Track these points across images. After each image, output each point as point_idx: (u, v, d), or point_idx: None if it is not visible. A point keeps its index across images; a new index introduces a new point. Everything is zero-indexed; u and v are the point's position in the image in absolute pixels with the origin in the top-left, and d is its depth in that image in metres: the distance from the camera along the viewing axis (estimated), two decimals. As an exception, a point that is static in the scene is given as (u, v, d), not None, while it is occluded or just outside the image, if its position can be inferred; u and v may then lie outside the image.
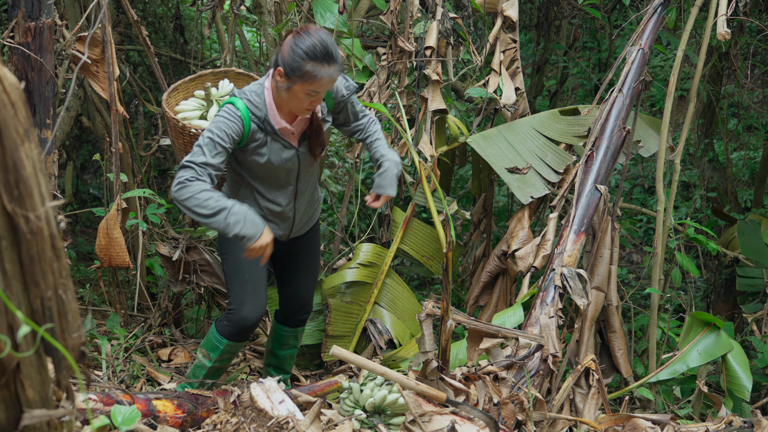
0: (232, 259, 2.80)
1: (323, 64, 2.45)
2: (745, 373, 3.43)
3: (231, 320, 2.79)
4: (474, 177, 4.48)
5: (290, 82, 2.49)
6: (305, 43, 2.45)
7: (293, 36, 2.50)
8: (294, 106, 2.57)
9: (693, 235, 4.17)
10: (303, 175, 2.78)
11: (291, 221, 2.85)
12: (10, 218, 0.98)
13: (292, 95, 2.53)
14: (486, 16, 4.45)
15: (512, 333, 2.92)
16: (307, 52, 2.44)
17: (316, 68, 2.45)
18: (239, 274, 2.78)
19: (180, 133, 2.98)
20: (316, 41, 2.45)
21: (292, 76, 2.47)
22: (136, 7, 5.99)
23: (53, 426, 1.11)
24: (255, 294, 2.77)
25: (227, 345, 2.83)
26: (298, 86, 2.49)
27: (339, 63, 2.50)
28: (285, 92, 2.53)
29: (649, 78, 3.85)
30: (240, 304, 2.77)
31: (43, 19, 2.89)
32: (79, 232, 6.69)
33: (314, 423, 2.18)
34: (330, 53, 2.45)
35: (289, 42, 2.49)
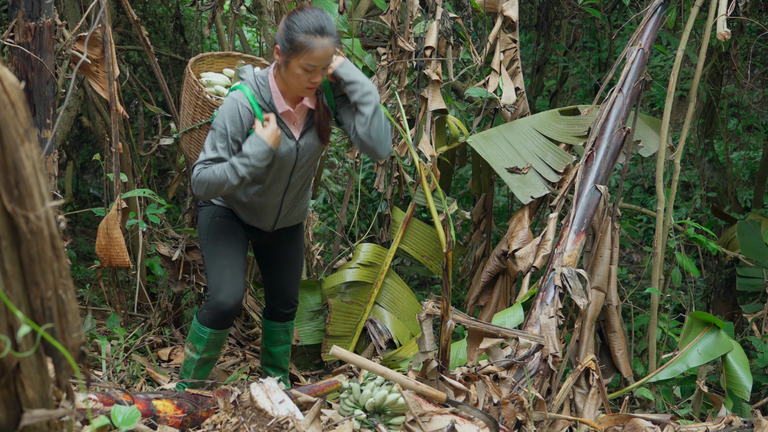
0: (210, 246, 2.84)
1: (315, 35, 2.51)
2: (745, 373, 3.43)
3: (210, 307, 2.81)
4: (474, 177, 4.48)
5: (286, 56, 2.55)
6: (299, 18, 2.53)
7: (288, 15, 2.58)
8: (294, 85, 2.61)
9: (693, 235, 4.17)
10: (297, 171, 2.79)
11: (277, 214, 2.88)
12: (10, 218, 0.98)
13: (290, 73, 2.58)
14: (486, 16, 4.45)
15: (512, 333, 2.92)
16: (300, 26, 2.51)
17: (309, 39, 2.50)
18: (217, 260, 2.82)
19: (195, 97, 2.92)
20: (309, 15, 2.52)
21: (287, 50, 2.54)
22: (136, 7, 5.99)
23: (53, 426, 1.11)
24: (233, 279, 2.79)
25: (210, 334, 2.85)
26: (294, 60, 2.54)
27: (333, 36, 2.55)
28: (284, 69, 2.59)
29: (649, 78, 3.85)
30: (217, 289, 2.78)
31: (43, 19, 2.89)
32: (79, 232, 6.69)
33: (314, 423, 2.18)
34: (323, 26, 2.52)
35: (284, 20, 2.58)
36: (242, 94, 2.63)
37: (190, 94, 2.95)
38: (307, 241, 3.95)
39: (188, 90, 2.96)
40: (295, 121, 2.71)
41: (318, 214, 5.73)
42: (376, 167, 4.18)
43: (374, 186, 4.15)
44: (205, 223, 2.90)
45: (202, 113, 2.89)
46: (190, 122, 2.95)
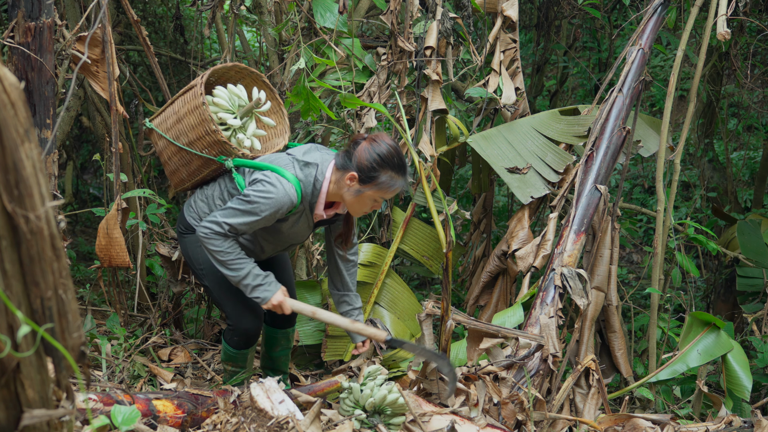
0: (212, 277, 2.84)
1: (399, 175, 2.54)
2: (745, 373, 3.43)
3: (238, 334, 2.91)
4: (474, 177, 4.48)
5: (363, 187, 2.55)
6: (383, 151, 2.52)
7: (369, 143, 2.54)
8: (355, 208, 2.64)
9: (693, 235, 4.17)
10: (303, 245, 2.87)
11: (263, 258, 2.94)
12: (10, 218, 0.98)
13: (359, 199, 2.58)
14: (486, 16, 4.45)
15: (512, 333, 2.92)
16: (385, 160, 2.51)
17: (393, 179, 2.53)
18: (226, 291, 2.83)
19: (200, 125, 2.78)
20: (392, 150, 2.52)
21: (368, 183, 2.53)
22: (136, 7, 5.99)
23: (53, 426, 1.11)
24: (249, 305, 2.84)
25: (246, 352, 2.99)
26: (371, 192, 2.56)
27: (409, 173, 2.60)
28: (353, 195, 2.58)
29: (649, 78, 3.85)
30: (239, 319, 2.86)
31: (43, 19, 2.89)
32: (79, 232, 6.69)
33: (314, 423, 2.18)
34: (404, 164, 2.55)
35: (366, 148, 2.53)
36: (294, 191, 2.56)
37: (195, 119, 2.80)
38: (307, 241, 3.95)
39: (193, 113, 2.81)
40: (320, 217, 2.73)
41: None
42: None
43: (374, 186, 4.14)
44: (197, 251, 2.84)
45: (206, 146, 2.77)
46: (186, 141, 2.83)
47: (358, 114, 3.91)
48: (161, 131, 2.94)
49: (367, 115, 3.86)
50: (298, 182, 2.59)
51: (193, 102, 2.81)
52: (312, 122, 3.82)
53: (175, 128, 2.89)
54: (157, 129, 2.96)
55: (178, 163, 2.92)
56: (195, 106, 2.80)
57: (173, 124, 2.90)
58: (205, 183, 2.93)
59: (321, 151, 2.70)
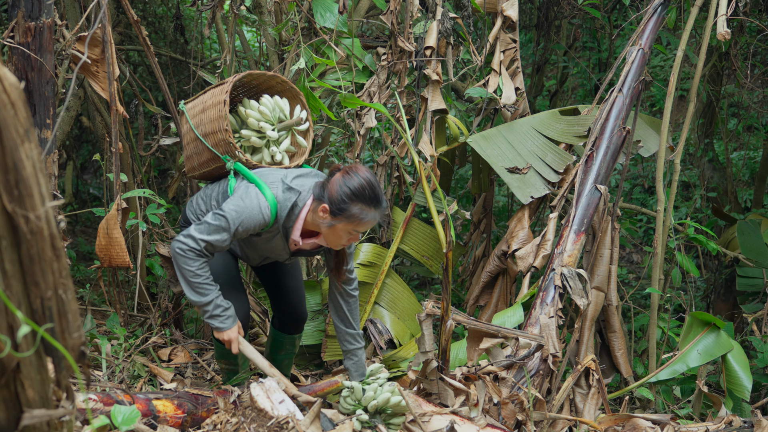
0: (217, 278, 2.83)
1: (371, 207, 2.49)
2: (745, 373, 3.43)
3: None
4: (474, 177, 4.48)
5: (334, 220, 2.51)
6: (354, 183, 2.47)
7: (342, 175, 2.50)
8: (331, 241, 2.60)
9: (693, 235, 4.17)
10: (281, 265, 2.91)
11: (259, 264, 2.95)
12: (10, 218, 0.98)
13: (332, 232, 2.55)
14: (486, 16, 4.45)
15: (512, 333, 2.92)
16: (356, 193, 2.46)
17: (364, 211, 2.48)
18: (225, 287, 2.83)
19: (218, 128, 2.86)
20: (365, 183, 2.47)
21: (338, 215, 2.49)
22: (136, 7, 5.99)
23: (53, 426, 1.11)
24: (235, 297, 2.82)
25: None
26: (342, 225, 2.51)
27: (384, 206, 2.54)
28: (326, 228, 2.55)
29: (649, 78, 3.85)
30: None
31: (43, 19, 2.89)
32: (79, 232, 6.70)
33: (314, 423, 2.18)
34: (377, 196, 2.49)
35: (338, 181, 2.50)
36: (269, 209, 2.55)
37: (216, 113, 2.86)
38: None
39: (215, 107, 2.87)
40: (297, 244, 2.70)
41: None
42: (375, 167, 4.18)
43: (374, 186, 4.14)
44: None
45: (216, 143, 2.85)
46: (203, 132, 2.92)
47: (358, 114, 3.91)
48: (189, 116, 3.02)
49: (367, 115, 3.86)
50: (276, 203, 2.56)
51: (218, 97, 2.88)
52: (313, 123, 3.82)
53: (199, 117, 2.97)
54: (187, 113, 3.03)
55: (193, 150, 3.00)
56: (218, 101, 2.87)
57: (198, 112, 2.99)
58: (210, 180, 2.99)
59: (315, 179, 2.66)
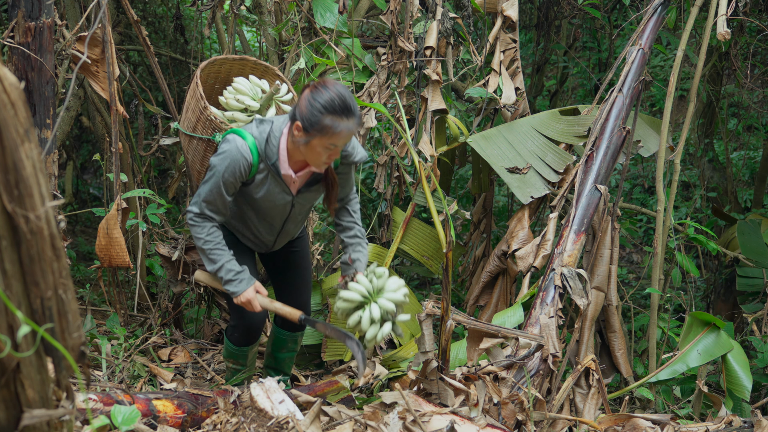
0: None
1: (342, 117, 2.44)
2: (745, 373, 3.43)
3: (238, 330, 2.91)
4: (474, 177, 4.48)
5: (309, 136, 2.48)
6: (323, 97, 2.44)
7: (310, 90, 2.48)
8: (312, 159, 2.57)
9: (693, 235, 4.17)
10: (292, 219, 2.83)
11: (271, 244, 2.93)
12: (10, 218, 0.98)
13: (310, 149, 2.52)
14: (486, 16, 4.45)
15: (512, 333, 2.92)
16: (325, 106, 2.43)
17: (335, 122, 2.44)
18: None
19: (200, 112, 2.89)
20: (334, 95, 2.44)
21: (310, 131, 2.46)
22: (136, 7, 5.99)
23: (53, 426, 1.11)
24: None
25: (247, 349, 2.99)
26: (317, 140, 2.48)
27: (357, 116, 2.50)
28: (303, 146, 2.53)
29: (649, 78, 3.85)
30: (240, 314, 2.86)
31: (43, 19, 2.89)
32: (79, 232, 6.70)
33: (314, 423, 2.18)
34: (348, 106, 2.45)
35: (306, 96, 2.48)
36: (247, 147, 2.56)
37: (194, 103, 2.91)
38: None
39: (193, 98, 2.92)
40: (294, 182, 2.70)
41: (318, 214, 5.73)
42: (376, 167, 4.18)
43: (374, 186, 4.15)
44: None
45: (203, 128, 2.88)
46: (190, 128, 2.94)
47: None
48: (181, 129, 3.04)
49: (367, 115, 3.86)
50: (253, 140, 2.58)
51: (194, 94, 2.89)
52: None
53: (185, 120, 2.99)
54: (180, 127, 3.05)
55: (194, 156, 2.98)
56: (192, 89, 2.88)
57: (184, 118, 3.00)
58: None
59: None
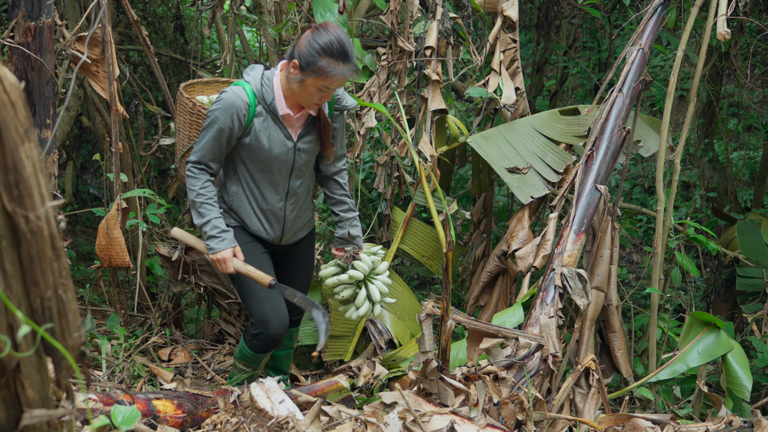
0: (241, 279, 2.81)
1: (338, 61, 2.51)
2: (745, 373, 3.43)
3: (260, 339, 2.85)
4: (474, 177, 4.48)
5: (304, 75, 2.55)
6: (323, 39, 2.51)
7: (311, 31, 2.55)
8: (303, 99, 2.62)
9: (693, 235, 4.17)
10: (296, 172, 2.80)
11: (282, 222, 2.87)
12: (10, 218, 0.98)
13: (303, 88, 2.58)
14: (486, 16, 4.45)
15: (512, 333, 2.92)
16: (324, 47, 2.50)
17: (331, 65, 2.51)
18: (253, 294, 2.80)
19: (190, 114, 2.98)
20: (333, 38, 2.51)
21: (306, 70, 2.53)
22: (136, 7, 5.99)
23: (53, 426, 1.11)
24: (275, 310, 2.81)
25: (263, 356, 2.95)
26: (311, 80, 2.54)
27: (353, 63, 2.56)
28: (297, 84, 2.59)
29: (649, 78, 3.85)
30: (265, 324, 2.81)
31: (43, 19, 2.89)
32: (79, 232, 6.70)
33: (314, 423, 2.18)
34: (346, 52, 2.52)
35: (306, 36, 2.55)
36: (242, 89, 2.64)
37: (184, 114, 2.98)
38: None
39: (182, 111, 2.99)
40: (293, 125, 2.73)
41: (318, 214, 5.73)
42: (376, 167, 4.18)
43: (374, 186, 4.15)
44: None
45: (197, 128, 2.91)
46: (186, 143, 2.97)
47: (358, 114, 3.91)
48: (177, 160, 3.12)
49: (367, 115, 3.86)
50: (246, 83, 2.65)
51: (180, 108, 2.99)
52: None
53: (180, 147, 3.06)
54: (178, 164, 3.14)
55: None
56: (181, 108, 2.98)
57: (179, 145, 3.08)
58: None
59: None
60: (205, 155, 2.67)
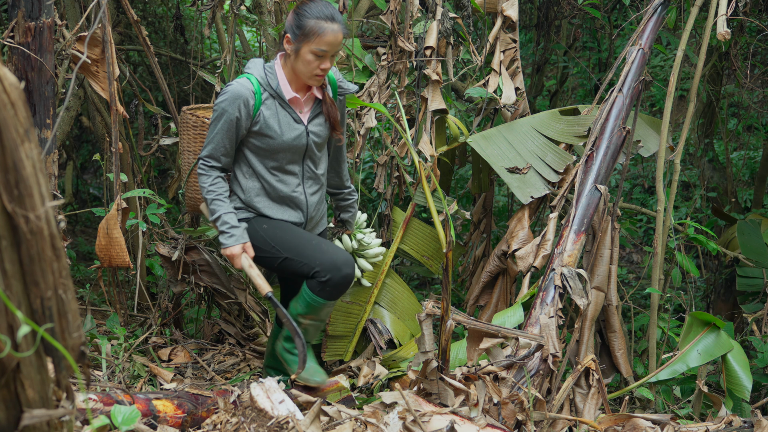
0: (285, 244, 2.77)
1: (326, 20, 2.60)
2: (745, 373, 3.43)
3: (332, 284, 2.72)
4: (474, 177, 4.48)
5: (297, 44, 2.62)
6: (309, 6, 2.62)
7: (297, 5, 2.66)
8: (304, 72, 2.67)
9: (693, 235, 4.17)
10: (309, 156, 2.83)
11: (305, 206, 2.88)
12: (10, 218, 0.98)
13: (300, 58, 2.64)
14: (486, 16, 4.45)
15: (512, 333, 2.92)
16: (310, 12, 2.60)
17: (320, 24, 2.58)
18: (306, 246, 2.74)
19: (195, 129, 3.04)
20: (319, 4, 2.63)
21: (298, 36, 2.61)
22: (136, 7, 5.99)
23: (53, 426, 1.11)
24: (334, 249, 2.76)
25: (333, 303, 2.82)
26: (305, 46, 2.61)
27: (342, 24, 2.63)
28: (294, 57, 2.65)
29: (649, 78, 3.85)
30: (336, 267, 2.70)
31: (43, 19, 2.89)
32: (79, 232, 6.70)
33: (314, 423, 2.18)
34: (332, 12, 2.61)
35: (293, 10, 2.66)
36: (246, 80, 2.69)
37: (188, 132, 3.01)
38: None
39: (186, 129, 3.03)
40: (302, 109, 2.78)
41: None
42: (376, 167, 4.18)
43: (374, 186, 4.15)
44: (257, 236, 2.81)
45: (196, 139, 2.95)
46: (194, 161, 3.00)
47: (358, 114, 3.91)
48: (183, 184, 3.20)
49: (367, 115, 3.86)
50: (249, 75, 2.71)
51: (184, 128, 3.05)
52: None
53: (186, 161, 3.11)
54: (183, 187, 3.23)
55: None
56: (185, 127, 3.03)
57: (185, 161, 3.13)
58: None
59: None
60: (216, 149, 2.71)
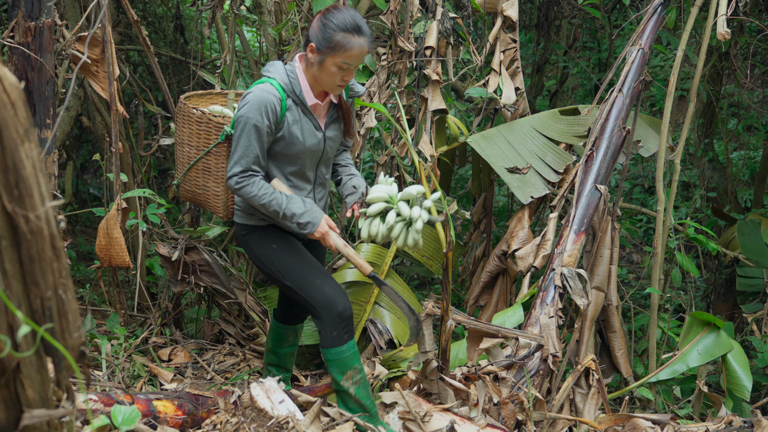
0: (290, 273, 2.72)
1: (353, 34, 2.53)
2: (745, 373, 3.43)
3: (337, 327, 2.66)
4: (474, 177, 4.48)
5: (322, 55, 2.55)
6: (335, 16, 2.54)
7: (322, 14, 2.58)
8: (326, 82, 2.62)
9: (693, 235, 4.17)
10: (324, 161, 2.82)
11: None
12: (10, 218, 0.98)
13: (324, 69, 2.58)
14: (486, 16, 4.45)
15: (512, 333, 2.92)
16: (337, 24, 2.53)
17: (347, 38, 2.52)
18: (309, 282, 2.69)
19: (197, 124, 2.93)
20: (345, 14, 2.55)
21: (323, 49, 2.54)
22: (136, 7, 5.99)
23: (53, 426, 1.11)
24: (336, 289, 2.70)
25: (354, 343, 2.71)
26: (330, 58, 2.55)
27: (368, 36, 2.58)
28: (317, 67, 2.59)
29: (649, 78, 3.85)
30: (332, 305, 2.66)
31: (43, 19, 2.89)
32: (79, 232, 6.70)
33: (314, 423, 2.19)
34: (359, 25, 2.55)
35: (318, 18, 2.58)
36: (269, 85, 2.59)
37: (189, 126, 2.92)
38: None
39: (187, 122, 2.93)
40: (320, 114, 2.74)
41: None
42: (375, 167, 4.18)
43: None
44: (266, 253, 2.77)
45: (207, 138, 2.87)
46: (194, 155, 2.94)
47: (358, 114, 3.91)
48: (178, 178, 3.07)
49: (367, 115, 3.86)
50: (270, 79, 2.63)
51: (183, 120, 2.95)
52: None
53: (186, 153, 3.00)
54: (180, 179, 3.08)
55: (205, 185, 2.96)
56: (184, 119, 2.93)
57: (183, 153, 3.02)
58: None
59: None
60: (249, 161, 2.57)
